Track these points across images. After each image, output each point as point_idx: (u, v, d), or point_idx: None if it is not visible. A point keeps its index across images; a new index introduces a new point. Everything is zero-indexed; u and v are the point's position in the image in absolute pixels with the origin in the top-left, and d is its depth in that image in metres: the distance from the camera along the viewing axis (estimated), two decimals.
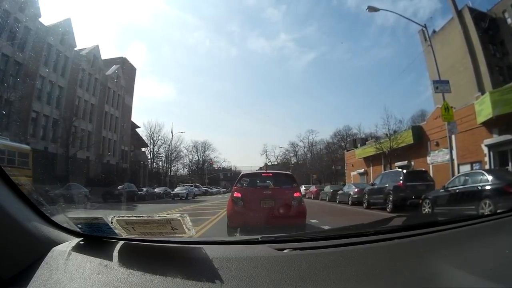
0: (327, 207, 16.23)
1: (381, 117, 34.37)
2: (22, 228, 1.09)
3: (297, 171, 46.84)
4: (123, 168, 37.67)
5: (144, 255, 1.11)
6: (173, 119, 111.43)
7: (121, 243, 1.15)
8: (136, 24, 77.01)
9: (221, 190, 47.83)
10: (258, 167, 44.75)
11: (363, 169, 30.50)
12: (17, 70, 23.39)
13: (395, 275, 1.00)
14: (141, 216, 1.10)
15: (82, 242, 1.19)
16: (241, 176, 6.45)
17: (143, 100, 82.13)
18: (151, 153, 46.81)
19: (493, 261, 1.11)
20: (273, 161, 64.35)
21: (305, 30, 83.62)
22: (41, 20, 25.50)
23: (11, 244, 1.06)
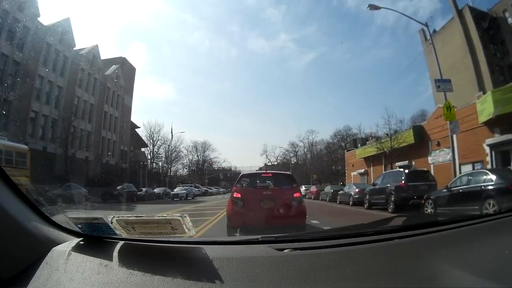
0: (328, 208, 16.19)
1: (381, 116, 34.38)
2: (22, 228, 1.09)
3: (297, 171, 46.78)
4: (122, 168, 37.55)
5: (144, 255, 1.11)
6: (173, 119, 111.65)
7: (121, 243, 1.16)
8: (136, 24, 77.07)
9: (221, 191, 47.68)
10: (258, 167, 44.70)
11: (363, 169, 30.52)
12: (16, 69, 23.33)
13: (395, 275, 1.00)
14: (141, 216, 1.10)
15: (82, 242, 1.20)
16: (241, 176, 6.45)
17: (142, 100, 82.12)
18: (151, 153, 46.80)
19: (493, 261, 1.10)
20: (273, 161, 64.32)
21: (305, 30, 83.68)
22: (40, 19, 25.54)
23: (11, 244, 1.06)
